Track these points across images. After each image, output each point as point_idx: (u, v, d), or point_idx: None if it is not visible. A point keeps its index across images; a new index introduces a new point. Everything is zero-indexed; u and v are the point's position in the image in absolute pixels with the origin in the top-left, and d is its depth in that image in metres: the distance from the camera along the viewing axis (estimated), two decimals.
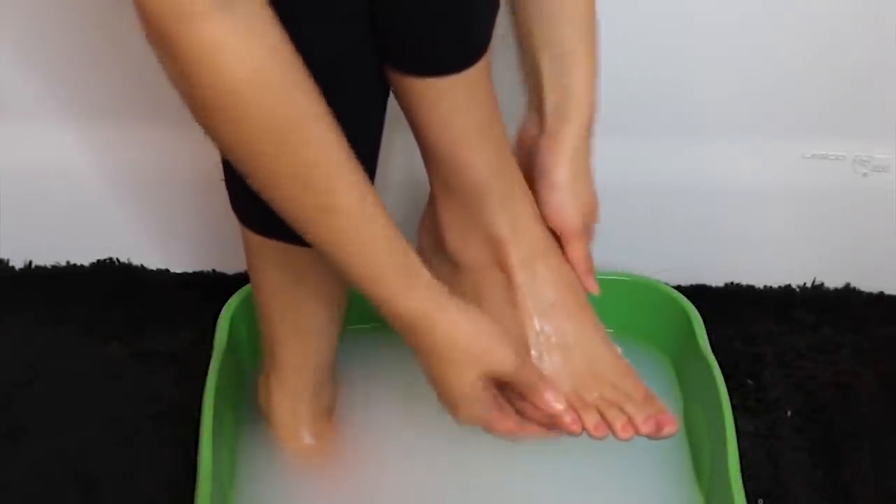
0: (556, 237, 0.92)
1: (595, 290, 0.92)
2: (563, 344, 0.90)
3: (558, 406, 0.85)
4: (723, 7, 1.08)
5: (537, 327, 0.90)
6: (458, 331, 0.81)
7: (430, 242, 0.93)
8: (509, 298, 0.89)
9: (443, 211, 0.90)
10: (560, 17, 0.86)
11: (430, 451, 1.04)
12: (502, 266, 0.89)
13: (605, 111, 0.90)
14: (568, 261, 0.91)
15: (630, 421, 0.88)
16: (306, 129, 0.70)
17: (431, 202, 0.92)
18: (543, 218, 0.91)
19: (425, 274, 0.80)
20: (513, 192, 0.88)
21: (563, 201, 0.89)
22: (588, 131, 0.89)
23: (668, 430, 0.88)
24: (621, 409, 0.88)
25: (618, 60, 0.96)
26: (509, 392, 0.86)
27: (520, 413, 0.87)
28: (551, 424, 0.87)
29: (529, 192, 0.90)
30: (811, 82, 1.12)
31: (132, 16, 0.65)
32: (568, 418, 0.87)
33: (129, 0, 0.65)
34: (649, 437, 0.89)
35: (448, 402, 0.84)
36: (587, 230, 0.92)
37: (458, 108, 0.83)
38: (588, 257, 0.92)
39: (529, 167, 0.91)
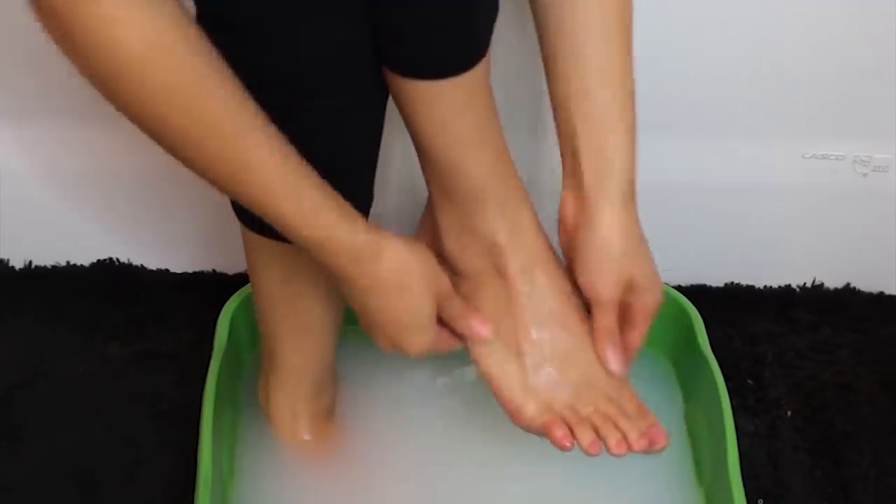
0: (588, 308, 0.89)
1: (611, 365, 0.89)
2: (559, 355, 0.89)
3: (484, 331, 0.87)
4: (723, 7, 1.08)
5: (534, 336, 0.89)
6: (411, 256, 0.81)
7: (428, 248, 0.92)
8: (507, 306, 0.89)
9: (441, 216, 0.90)
10: (597, 80, 0.84)
11: (430, 450, 1.04)
12: (501, 273, 0.89)
13: None
14: (592, 331, 0.89)
15: (624, 437, 0.87)
16: (206, 91, 0.70)
17: (429, 207, 0.92)
18: (579, 287, 0.88)
19: (354, 210, 0.79)
20: (511, 198, 0.88)
21: (594, 266, 0.86)
22: (629, 199, 0.86)
23: (659, 444, 0.88)
24: (616, 425, 0.88)
25: None
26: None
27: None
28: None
29: (528, 198, 0.89)
30: (811, 82, 1.12)
31: None
32: (559, 433, 0.87)
33: None
34: (642, 453, 0.88)
35: (398, 334, 0.84)
36: (615, 300, 0.88)
37: (456, 111, 0.82)
38: (610, 331, 0.89)
39: (572, 246, 0.88)
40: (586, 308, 0.90)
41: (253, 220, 0.90)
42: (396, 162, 1.11)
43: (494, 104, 0.85)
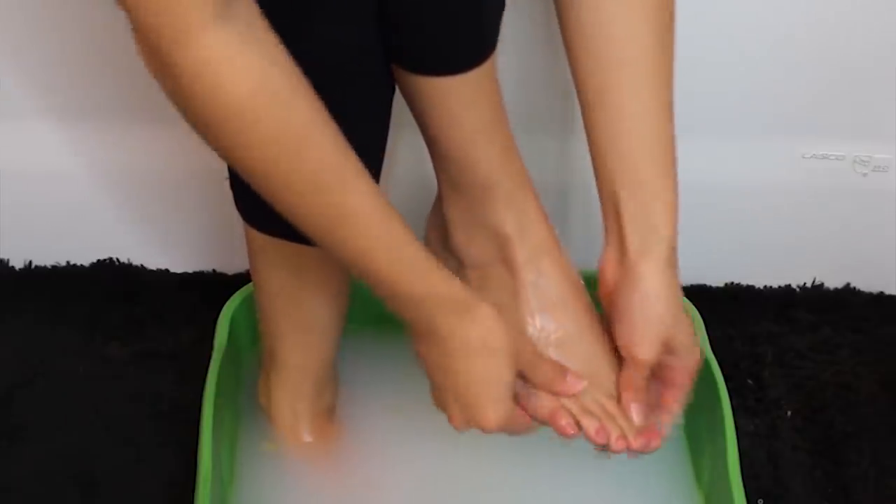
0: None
1: (635, 419, 0.87)
2: (562, 343, 0.89)
3: (582, 383, 0.85)
4: (723, 7, 1.08)
5: (538, 324, 0.89)
6: (496, 322, 0.80)
7: (437, 240, 0.93)
8: (512, 295, 0.89)
9: (449, 208, 0.90)
10: (640, 150, 0.83)
11: (431, 450, 1.04)
12: (507, 263, 0.89)
13: None
14: (618, 386, 0.88)
15: (623, 434, 0.87)
16: (313, 136, 0.69)
17: (438, 200, 0.92)
18: (617, 347, 0.87)
19: (445, 269, 0.79)
20: (518, 190, 0.88)
21: (635, 327, 0.85)
22: (672, 265, 0.85)
23: (653, 445, 0.88)
24: (614, 421, 0.88)
25: None
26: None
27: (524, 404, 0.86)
28: (553, 414, 0.86)
29: (535, 190, 0.89)
30: (811, 82, 1.12)
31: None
32: (563, 421, 0.86)
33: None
34: (638, 452, 0.88)
35: (475, 405, 0.82)
36: (652, 361, 0.86)
37: (465, 106, 0.83)
38: (639, 387, 0.87)
39: (612, 305, 0.87)
40: (617, 358, 0.89)
41: (257, 219, 0.90)
42: (403, 157, 1.11)
43: (502, 99, 0.85)
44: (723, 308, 1.22)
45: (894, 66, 1.11)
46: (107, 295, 1.21)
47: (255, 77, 0.65)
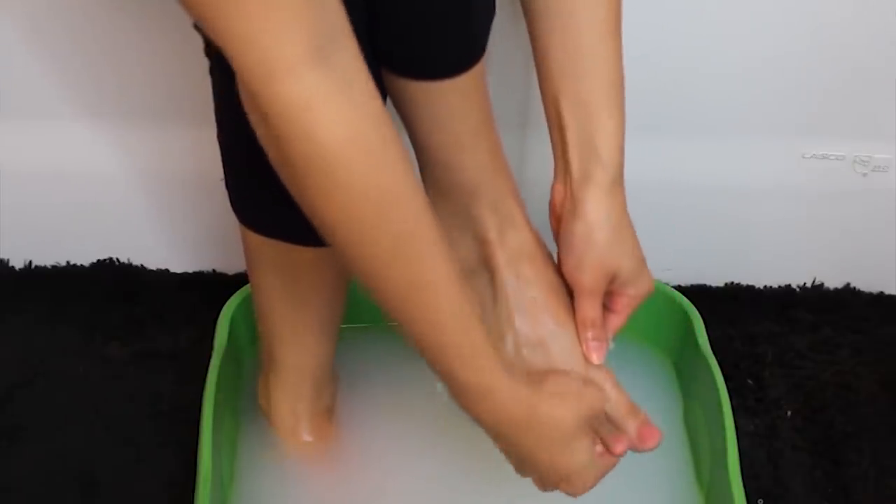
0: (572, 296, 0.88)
1: (593, 359, 0.87)
2: (542, 343, 0.88)
3: (657, 438, 0.86)
4: (723, 7, 1.08)
5: (517, 324, 0.88)
6: (561, 402, 0.79)
7: None
8: (491, 297, 0.88)
9: (434, 211, 0.89)
10: (586, 69, 0.83)
11: (430, 450, 1.04)
12: (488, 266, 0.89)
13: None
14: (576, 321, 0.87)
15: (621, 437, 0.87)
16: (403, 197, 0.67)
17: None
18: (562, 275, 0.87)
19: (505, 354, 0.79)
20: (504, 195, 0.87)
21: (578, 257, 0.85)
22: (616, 185, 0.84)
23: (651, 443, 0.87)
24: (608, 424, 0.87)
25: None
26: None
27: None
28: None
29: (520, 195, 0.89)
30: (811, 82, 1.12)
31: (134, 16, 0.64)
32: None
33: (134, 0, 0.63)
34: (632, 449, 0.88)
35: (560, 478, 0.82)
36: (599, 290, 0.86)
37: (453, 111, 0.82)
38: (592, 322, 0.87)
39: (560, 236, 0.87)
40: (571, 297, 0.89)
41: (253, 220, 0.90)
42: None
43: (490, 103, 0.85)
44: (723, 308, 1.22)
45: (894, 66, 1.11)
46: (107, 295, 1.21)
47: (350, 127, 0.63)
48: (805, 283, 1.26)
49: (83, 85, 1.13)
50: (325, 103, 0.62)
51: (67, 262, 1.24)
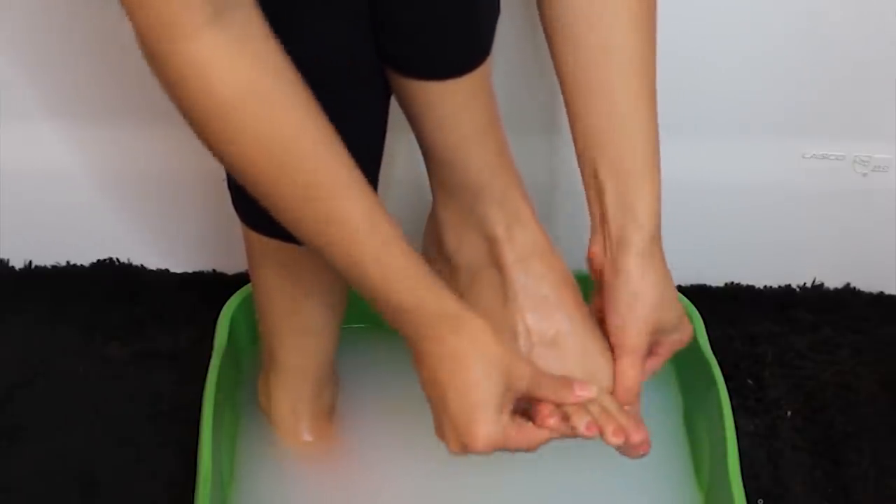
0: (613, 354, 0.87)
1: (631, 437, 0.83)
2: (555, 342, 0.89)
3: (591, 392, 0.83)
4: (723, 8, 1.08)
5: (529, 322, 0.88)
6: (488, 334, 0.78)
7: (432, 246, 0.93)
8: (502, 295, 0.88)
9: (441, 211, 0.90)
10: (624, 138, 0.83)
11: (431, 450, 1.03)
12: (497, 264, 0.89)
13: None
14: (615, 378, 0.86)
15: (620, 427, 0.84)
16: (303, 141, 0.69)
17: (433, 206, 0.92)
18: (605, 333, 0.87)
19: (439, 279, 0.79)
20: (510, 193, 0.88)
21: (623, 316, 0.85)
22: (652, 253, 0.85)
23: (642, 449, 0.85)
24: (611, 415, 0.87)
25: None
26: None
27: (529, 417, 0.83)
28: (564, 422, 0.83)
29: (527, 193, 0.89)
30: (811, 82, 1.12)
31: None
32: (552, 422, 0.82)
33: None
34: (638, 449, 0.86)
35: (466, 424, 0.78)
36: (643, 349, 0.85)
37: (459, 111, 0.82)
38: (633, 381, 0.86)
39: (602, 293, 0.87)
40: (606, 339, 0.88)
41: (255, 220, 0.90)
42: (401, 157, 1.11)
43: (496, 103, 0.85)
44: (723, 308, 1.22)
45: (894, 66, 1.11)
46: (107, 295, 1.21)
47: (243, 81, 0.66)
48: (805, 283, 1.26)
49: (84, 85, 1.13)
50: (221, 61, 0.65)
51: (67, 262, 1.24)
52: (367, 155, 0.85)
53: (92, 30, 1.09)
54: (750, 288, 1.26)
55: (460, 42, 0.80)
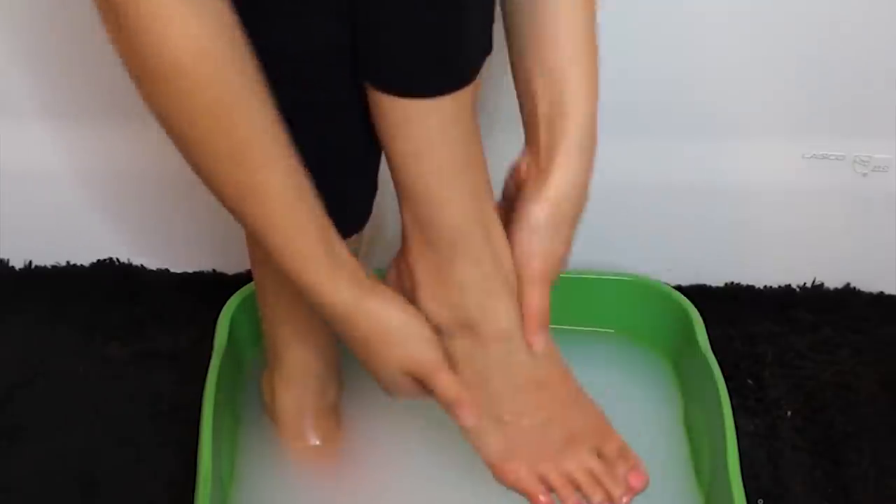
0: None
1: (534, 345, 0.85)
2: (540, 417, 0.88)
3: (474, 420, 0.86)
4: (723, 8, 1.08)
5: (514, 402, 0.87)
6: (378, 324, 0.81)
7: (399, 292, 0.86)
8: (484, 371, 0.86)
9: (416, 263, 0.84)
10: (558, 44, 0.81)
11: (435, 451, 1.04)
12: (478, 334, 0.85)
13: (605, 112, 0.90)
14: (521, 305, 0.85)
15: (608, 496, 0.87)
16: (243, 106, 0.70)
17: (403, 250, 0.86)
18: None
19: (351, 263, 0.79)
20: (489, 250, 0.83)
21: (535, 246, 0.83)
22: (583, 172, 0.83)
23: (638, 489, 0.89)
24: (599, 482, 0.87)
25: (618, 61, 0.96)
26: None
27: None
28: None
29: (508, 245, 0.84)
30: (811, 82, 1.12)
31: None
32: (543, 499, 0.87)
33: None
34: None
35: (377, 382, 0.87)
36: (549, 278, 0.85)
37: (432, 137, 0.76)
38: (544, 309, 0.85)
39: (515, 201, 0.85)
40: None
41: None
42: None
43: (479, 139, 0.80)
44: (723, 308, 1.22)
45: (894, 66, 1.11)
46: (107, 295, 1.21)
47: (199, 39, 0.66)
48: (805, 283, 1.26)
49: (85, 85, 1.13)
50: (180, 16, 0.65)
51: (67, 262, 1.24)
52: (366, 147, 0.83)
53: (92, 29, 1.08)
54: (750, 288, 1.26)
55: (437, 59, 0.74)
